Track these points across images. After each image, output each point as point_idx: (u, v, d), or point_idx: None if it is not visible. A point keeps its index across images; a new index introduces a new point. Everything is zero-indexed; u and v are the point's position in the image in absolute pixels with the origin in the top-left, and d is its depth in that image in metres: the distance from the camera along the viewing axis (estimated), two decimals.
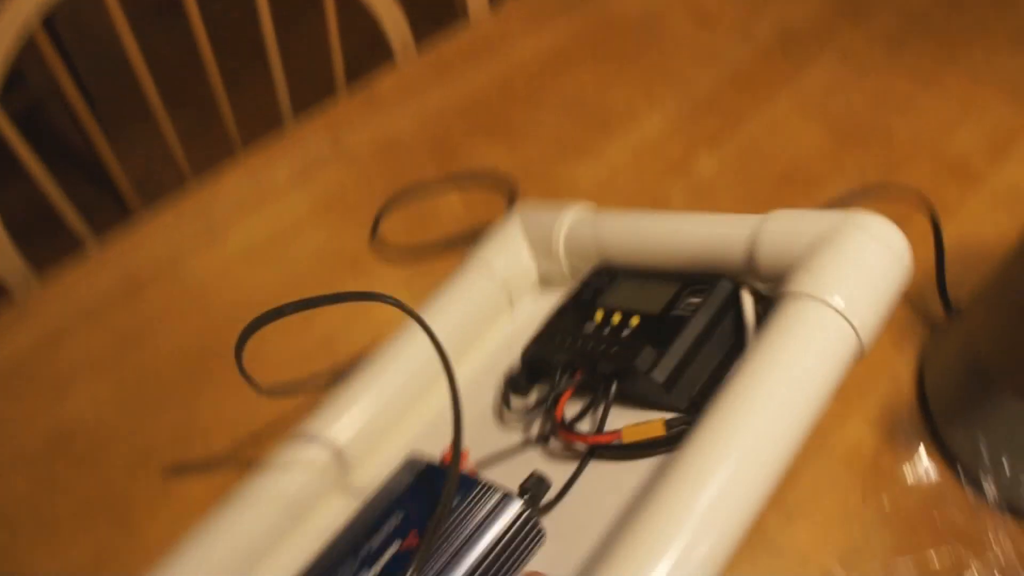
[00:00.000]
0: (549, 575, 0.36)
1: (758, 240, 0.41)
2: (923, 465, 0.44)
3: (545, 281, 0.54)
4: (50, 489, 0.50)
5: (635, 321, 0.44)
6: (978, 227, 0.56)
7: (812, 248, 0.39)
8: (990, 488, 0.42)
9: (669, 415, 0.41)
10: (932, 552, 0.41)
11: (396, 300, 0.37)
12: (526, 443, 0.44)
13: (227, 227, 0.65)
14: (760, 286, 0.43)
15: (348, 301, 0.36)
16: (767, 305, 0.42)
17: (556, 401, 0.44)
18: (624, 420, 0.41)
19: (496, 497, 0.37)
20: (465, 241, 0.60)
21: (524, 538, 0.37)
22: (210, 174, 0.69)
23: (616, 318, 0.45)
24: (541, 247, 0.52)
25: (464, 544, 0.36)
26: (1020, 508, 0.42)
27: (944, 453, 0.45)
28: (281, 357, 0.55)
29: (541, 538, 0.37)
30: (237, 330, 0.37)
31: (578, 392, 0.45)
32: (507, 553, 0.36)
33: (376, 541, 0.39)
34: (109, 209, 1.60)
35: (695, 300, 0.43)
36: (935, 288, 0.51)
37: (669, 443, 0.39)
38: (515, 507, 0.36)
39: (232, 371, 0.54)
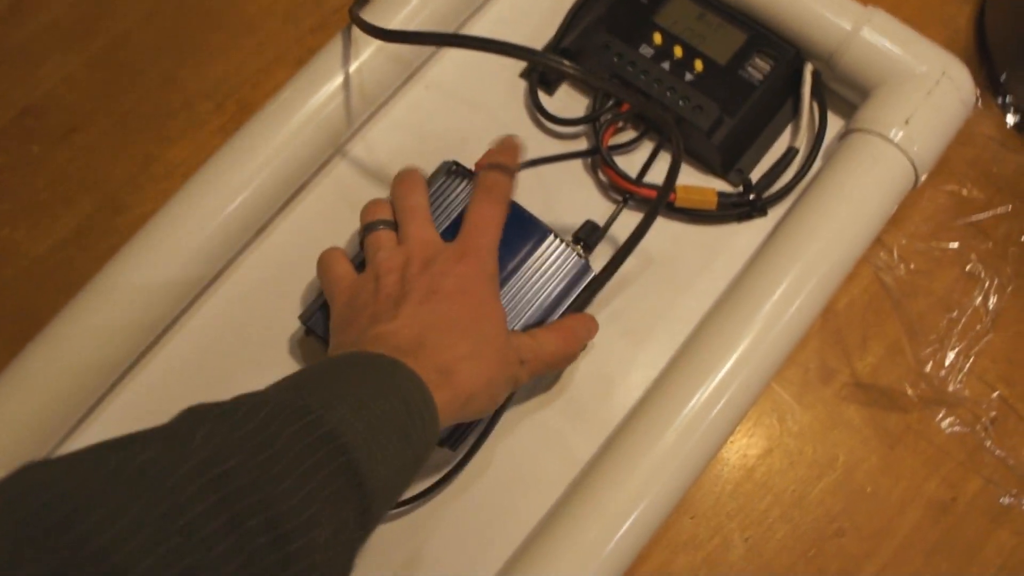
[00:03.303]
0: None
1: (849, 42, 0.41)
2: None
3: None
4: (26, 167, 0.45)
5: (699, 65, 0.42)
6: None
7: (891, 74, 0.40)
8: None
9: (718, 184, 0.43)
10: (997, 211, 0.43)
11: None
12: (565, 157, 0.44)
13: None
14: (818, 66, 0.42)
15: None
16: (821, 93, 0.43)
17: (600, 128, 0.43)
18: (660, 169, 0.42)
19: (561, 249, 0.40)
20: None
21: (579, 282, 0.40)
22: None
23: (678, 52, 0.42)
24: None
25: (532, 291, 0.39)
26: None
27: (1003, 104, 0.45)
28: None
29: (589, 278, 0.40)
30: None
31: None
32: (562, 294, 0.40)
33: None
34: None
35: (763, 63, 0.42)
36: None
37: (715, 218, 0.42)
38: (575, 261, 0.40)
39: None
